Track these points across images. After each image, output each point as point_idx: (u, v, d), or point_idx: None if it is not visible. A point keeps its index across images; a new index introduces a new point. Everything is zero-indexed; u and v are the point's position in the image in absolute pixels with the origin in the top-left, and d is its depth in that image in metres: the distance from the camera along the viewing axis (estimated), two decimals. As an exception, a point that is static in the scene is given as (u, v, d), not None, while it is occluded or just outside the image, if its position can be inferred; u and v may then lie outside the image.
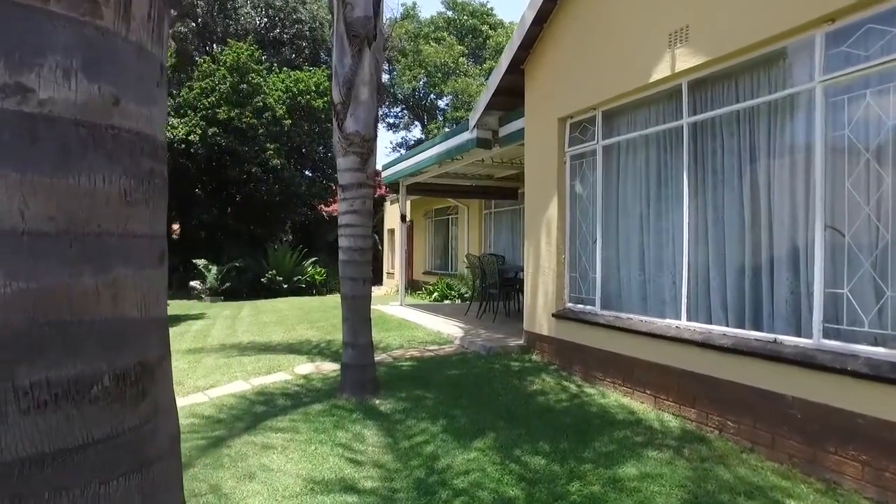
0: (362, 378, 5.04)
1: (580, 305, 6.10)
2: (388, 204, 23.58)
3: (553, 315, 6.27)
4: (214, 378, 5.97)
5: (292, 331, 9.06)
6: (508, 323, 8.88)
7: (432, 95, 31.83)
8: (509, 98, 7.44)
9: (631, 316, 5.35)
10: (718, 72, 4.53)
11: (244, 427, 4.37)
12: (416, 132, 34.72)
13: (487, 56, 28.88)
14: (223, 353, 7.25)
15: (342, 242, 5.10)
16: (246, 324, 10.30)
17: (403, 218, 12.27)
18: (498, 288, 9.07)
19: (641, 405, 4.94)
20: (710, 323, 4.58)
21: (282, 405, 4.90)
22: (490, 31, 29.05)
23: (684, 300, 4.77)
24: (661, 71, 4.90)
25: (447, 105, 29.94)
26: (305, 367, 6.36)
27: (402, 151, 33.22)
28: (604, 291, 5.78)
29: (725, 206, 4.54)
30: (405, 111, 34.38)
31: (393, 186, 13.68)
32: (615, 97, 5.54)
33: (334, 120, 5.12)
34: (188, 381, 5.92)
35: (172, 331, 9.69)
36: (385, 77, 31.51)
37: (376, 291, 20.80)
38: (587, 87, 5.87)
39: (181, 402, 5.22)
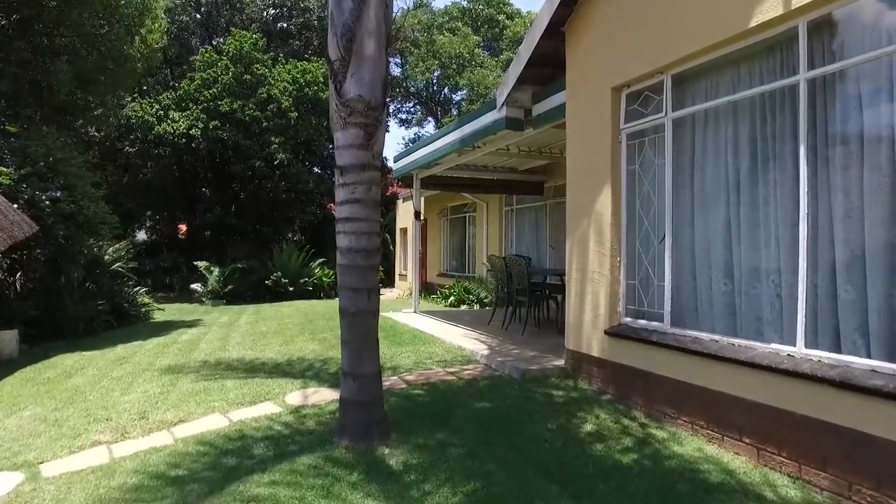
0: (366, 419, 3.85)
1: (642, 321, 4.86)
2: (400, 202, 22.44)
3: (606, 332, 5.04)
4: (187, 409, 4.82)
5: (290, 343, 7.90)
6: (540, 336, 7.66)
7: (446, 89, 30.64)
8: (546, 69, 6.22)
9: (716, 338, 4.10)
10: (855, 5, 3.28)
11: (203, 492, 3.21)
12: (430, 128, 33.55)
13: (504, 47, 27.60)
14: (205, 374, 6.11)
15: (341, 242, 3.91)
16: (241, 333, 9.17)
17: (417, 215, 11.10)
18: (527, 294, 7.85)
19: (737, 459, 3.70)
20: (842, 352, 3.33)
21: (260, 456, 3.72)
22: (507, 21, 27.76)
23: (801, 320, 3.52)
24: (766, 11, 3.65)
25: (462, 98, 28.73)
26: (298, 395, 5.19)
27: (415, 148, 32.07)
28: (675, 304, 4.54)
29: (866, 192, 3.28)
30: (418, 106, 33.20)
31: (405, 181, 12.50)
32: (691, 55, 4.30)
33: (331, 83, 3.93)
34: (154, 412, 4.77)
35: (158, 342, 8.61)
36: (396, 70, 30.39)
37: (387, 295, 19.63)
38: (651, 45, 4.64)
39: (139, 443, 4.08)
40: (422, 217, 12.83)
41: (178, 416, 4.64)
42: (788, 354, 3.56)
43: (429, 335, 8.07)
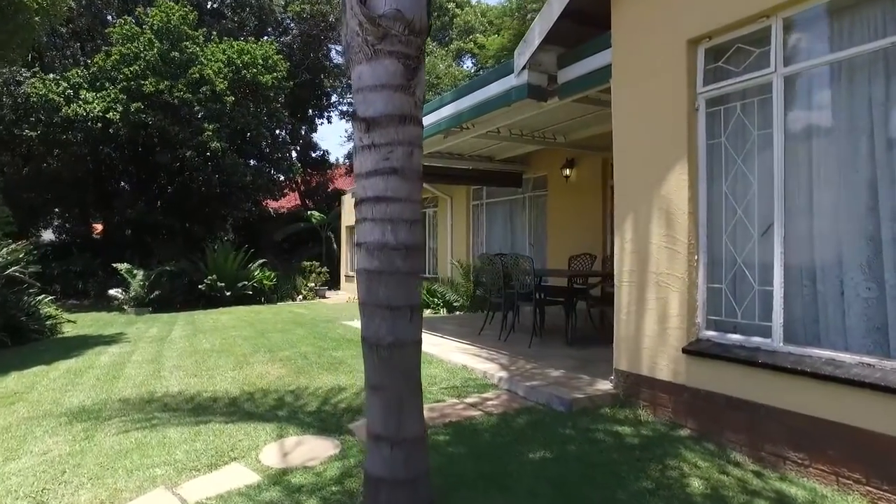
0: (411, 506, 2.52)
1: (734, 336, 3.80)
2: (346, 197, 20.82)
3: (685, 351, 3.95)
4: (113, 483, 3.28)
5: (244, 366, 6.33)
6: (549, 347, 6.53)
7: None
8: (577, 27, 5.10)
9: (869, 360, 3.09)
10: None
11: None
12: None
13: (454, 36, 26.48)
14: (137, 418, 4.50)
15: (368, 235, 2.55)
16: (177, 352, 7.45)
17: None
18: (533, 299, 6.70)
19: (925, 530, 2.69)
20: None
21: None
22: (457, 10, 26.67)
23: None
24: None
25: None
26: (275, 450, 3.74)
27: (359, 142, 30.28)
28: (789, 315, 3.50)
29: None
30: (361, 98, 31.41)
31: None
32: (816, -10, 3.28)
33: (348, -7, 2.57)
34: (60, 492, 3.20)
35: (67, 367, 6.74)
36: (339, 59, 28.56)
37: (334, 299, 18.01)
38: (748, -18, 3.59)
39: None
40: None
41: (99, 499, 3.10)
42: None
43: (416, 350, 6.73)
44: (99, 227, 21.12)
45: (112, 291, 15.16)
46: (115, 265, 15.18)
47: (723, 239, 3.93)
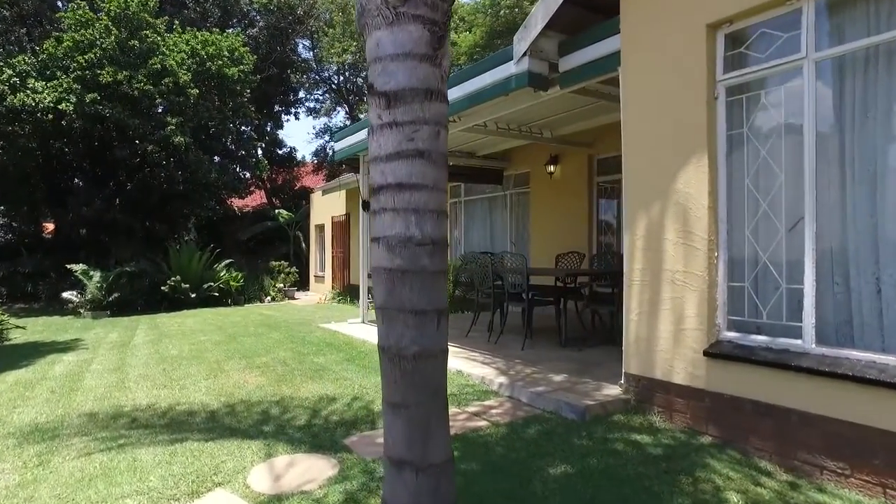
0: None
1: (759, 337, 3.59)
2: (315, 195, 20.21)
3: (706, 353, 3.72)
4: (77, 516, 2.82)
5: (219, 374, 5.84)
6: (543, 349, 6.27)
7: (360, 77, 28.53)
8: (579, 11, 4.84)
9: (913, 363, 2.91)
10: None
11: None
12: (339, 119, 31.20)
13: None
14: (102, 437, 4.00)
15: (389, 228, 2.19)
16: (143, 360, 6.87)
17: (366, 205, 9.28)
18: (525, 299, 6.42)
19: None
20: None
21: None
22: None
23: None
24: None
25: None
26: (264, 471, 3.34)
27: (326, 139, 29.61)
28: (820, 314, 3.31)
29: None
30: (327, 94, 30.71)
31: (346, 165, 10.65)
32: (851, -30, 3.09)
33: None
34: (15, 529, 2.73)
35: (15, 378, 6.08)
36: (308, 53, 27.86)
37: (303, 300, 17.40)
38: (775, -38, 3.38)
39: None
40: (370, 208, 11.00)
41: (63, 536, 2.65)
42: None
43: (403, 354, 6.37)
44: (50, 226, 19.90)
45: (66, 294, 14.21)
46: (69, 266, 14.24)
47: (745, 234, 3.72)
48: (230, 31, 20.42)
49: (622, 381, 4.40)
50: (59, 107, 14.02)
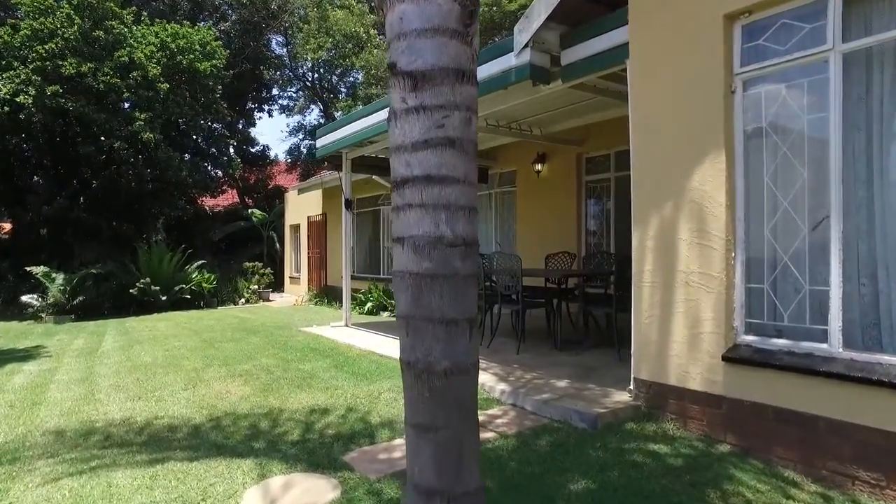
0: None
1: (779, 341, 3.45)
2: (290, 195, 19.70)
3: (724, 358, 3.56)
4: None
5: (199, 384, 5.47)
6: (540, 352, 6.08)
7: (335, 75, 28.02)
8: (583, 2, 4.65)
9: (950, 368, 2.79)
10: None
11: None
12: (313, 117, 30.56)
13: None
14: (70, 457, 3.63)
15: (410, 225, 1.93)
16: (113, 368, 6.43)
17: (349, 204, 8.98)
18: (520, 301, 6.22)
19: None
20: None
21: None
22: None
23: None
24: None
25: (353, 81, 26.39)
26: (257, 495, 3.03)
27: (300, 136, 28.97)
28: (847, 317, 3.17)
29: None
30: (301, 92, 30.06)
31: (328, 163, 10.28)
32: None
33: None
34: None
35: (-26, 392, 5.62)
36: (282, 50, 27.23)
37: (279, 301, 16.91)
38: (797, -50, 3.24)
39: None
40: (354, 206, 10.66)
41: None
42: None
43: (393, 359, 6.10)
44: (7, 226, 18.91)
45: (25, 298, 13.47)
46: (28, 268, 13.50)
47: (764, 234, 3.57)
48: (201, 24, 19.75)
49: (631, 387, 4.23)
50: (17, 99, 13.28)
